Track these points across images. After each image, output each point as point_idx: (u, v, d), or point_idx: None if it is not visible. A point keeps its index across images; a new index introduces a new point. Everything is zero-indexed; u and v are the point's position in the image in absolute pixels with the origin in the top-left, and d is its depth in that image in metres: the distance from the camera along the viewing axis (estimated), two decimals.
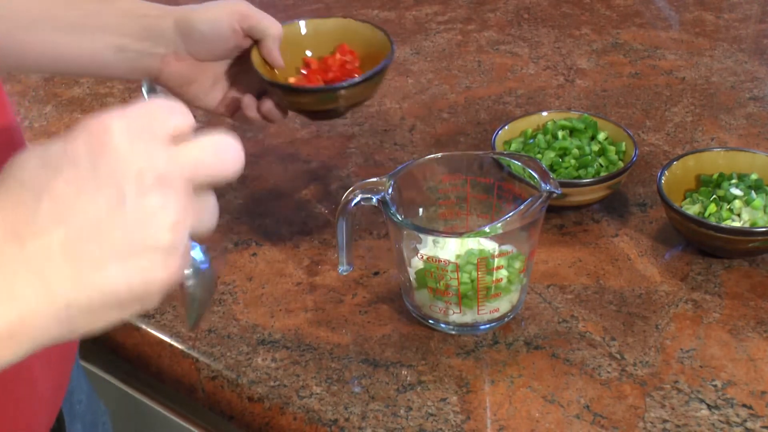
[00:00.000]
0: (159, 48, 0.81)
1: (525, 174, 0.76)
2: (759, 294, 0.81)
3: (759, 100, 1.12)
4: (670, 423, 0.69)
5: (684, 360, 0.75)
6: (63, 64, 0.82)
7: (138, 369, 0.85)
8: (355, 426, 0.70)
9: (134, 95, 1.20)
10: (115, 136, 0.44)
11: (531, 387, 0.73)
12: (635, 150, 0.92)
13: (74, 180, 0.43)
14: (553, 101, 1.14)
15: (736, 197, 0.85)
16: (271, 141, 1.08)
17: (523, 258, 0.76)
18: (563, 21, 1.35)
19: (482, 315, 0.77)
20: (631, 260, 0.86)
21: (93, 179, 0.43)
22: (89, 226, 0.43)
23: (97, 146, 0.44)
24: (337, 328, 0.80)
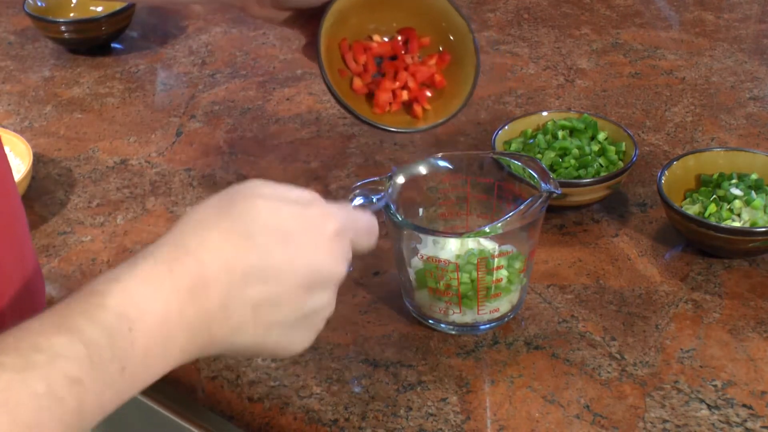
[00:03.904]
0: None
1: (525, 174, 0.76)
2: (759, 294, 0.81)
3: (759, 100, 1.12)
4: (670, 423, 0.69)
5: (684, 360, 0.75)
6: None
7: None
8: (355, 426, 0.70)
9: (134, 95, 1.20)
10: (330, 231, 0.56)
11: (531, 387, 0.73)
12: (635, 150, 0.92)
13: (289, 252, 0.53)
14: (553, 101, 1.14)
15: (736, 197, 0.85)
16: (271, 141, 1.08)
17: (523, 258, 0.76)
18: (563, 21, 1.35)
19: (482, 315, 0.77)
20: (631, 260, 0.86)
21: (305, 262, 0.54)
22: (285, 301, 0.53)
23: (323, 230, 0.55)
24: (337, 328, 0.80)
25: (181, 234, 0.51)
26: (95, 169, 1.05)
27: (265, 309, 0.52)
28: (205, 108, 1.16)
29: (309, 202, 0.56)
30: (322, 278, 0.55)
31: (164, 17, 1.40)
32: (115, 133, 1.12)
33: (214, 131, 1.11)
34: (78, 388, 0.44)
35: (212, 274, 0.50)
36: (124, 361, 0.46)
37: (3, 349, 0.44)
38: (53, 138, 1.11)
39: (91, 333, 0.45)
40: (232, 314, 0.51)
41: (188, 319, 0.49)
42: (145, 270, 0.49)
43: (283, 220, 0.53)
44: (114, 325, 0.46)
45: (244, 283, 0.51)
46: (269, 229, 0.52)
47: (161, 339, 0.48)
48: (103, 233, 0.94)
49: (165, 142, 1.09)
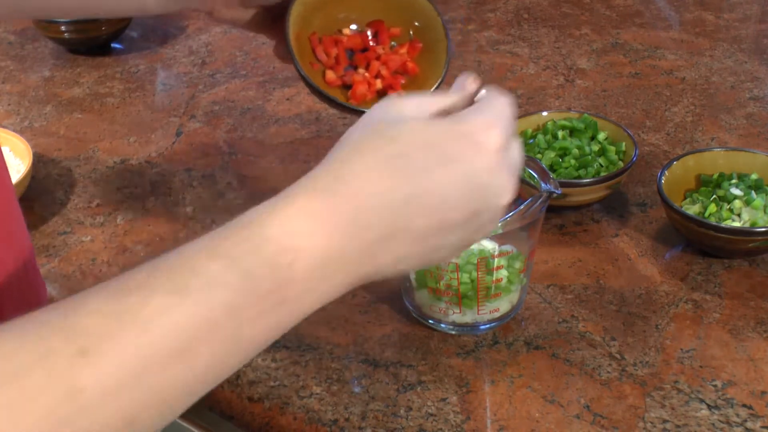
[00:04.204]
0: None
1: (525, 174, 0.76)
2: (759, 294, 0.81)
3: (759, 100, 1.12)
4: (670, 423, 0.69)
5: (684, 360, 0.75)
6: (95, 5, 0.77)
7: None
8: (355, 426, 0.70)
9: (134, 95, 1.20)
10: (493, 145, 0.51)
11: (531, 387, 0.73)
12: (635, 150, 0.92)
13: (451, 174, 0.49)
14: (553, 101, 1.14)
15: (736, 197, 0.85)
16: (271, 141, 1.08)
17: (523, 258, 0.76)
18: (563, 21, 1.35)
19: (482, 315, 0.77)
20: (631, 260, 0.86)
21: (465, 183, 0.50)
22: (453, 224, 0.50)
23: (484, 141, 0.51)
24: (337, 328, 0.80)
25: (337, 162, 0.49)
26: (95, 169, 1.05)
27: (430, 237, 0.49)
28: (205, 108, 1.16)
29: (464, 117, 0.51)
30: (488, 198, 0.51)
31: (164, 17, 1.40)
32: (115, 133, 1.12)
33: (214, 131, 1.11)
34: (234, 316, 0.43)
35: (373, 206, 0.47)
36: (283, 293, 0.45)
37: (156, 272, 0.43)
38: (53, 138, 1.11)
39: (250, 263, 0.44)
40: (397, 245, 0.49)
41: (350, 255, 0.47)
42: (304, 202, 0.47)
43: (441, 140, 0.50)
44: (274, 257, 0.45)
45: (407, 213, 0.48)
46: (428, 152, 0.49)
47: (321, 274, 0.47)
48: (103, 233, 0.94)
49: (165, 142, 1.09)
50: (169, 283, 0.43)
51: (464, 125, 0.51)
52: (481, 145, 0.50)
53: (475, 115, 0.52)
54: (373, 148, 0.49)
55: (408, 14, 0.83)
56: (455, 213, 0.50)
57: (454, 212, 0.50)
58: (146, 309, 0.41)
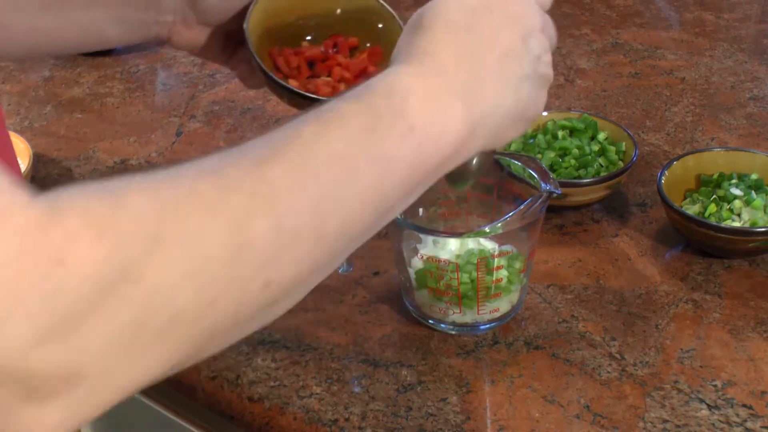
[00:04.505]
0: (166, 16, 0.78)
1: (525, 174, 0.76)
2: (759, 294, 0.81)
3: (759, 100, 1.12)
4: (670, 423, 0.69)
5: (684, 360, 0.75)
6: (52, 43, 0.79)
7: None
8: (355, 426, 0.70)
9: (134, 95, 1.20)
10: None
11: (531, 387, 0.73)
12: (635, 150, 0.92)
13: (493, 19, 0.59)
14: (553, 101, 1.14)
15: (736, 197, 0.85)
16: None
17: (523, 258, 0.76)
18: (563, 21, 1.35)
19: (482, 315, 0.77)
20: (631, 260, 0.86)
21: (507, 21, 0.60)
22: (510, 52, 0.59)
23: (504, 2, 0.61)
24: (337, 328, 0.80)
25: (411, 45, 0.58)
26: (95, 169, 1.05)
27: (504, 62, 0.58)
28: (205, 108, 1.16)
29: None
30: (526, 24, 0.61)
31: None
32: (115, 133, 1.12)
33: (214, 131, 1.11)
34: (375, 136, 0.50)
35: (448, 61, 0.56)
36: (409, 120, 0.52)
37: (296, 121, 0.50)
38: (53, 138, 1.11)
39: (369, 99, 0.52)
40: (484, 78, 0.57)
41: (451, 90, 0.55)
42: (396, 70, 0.55)
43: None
44: (386, 93, 0.53)
45: (473, 57, 0.57)
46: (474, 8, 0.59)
47: (435, 102, 0.54)
48: None
49: (165, 142, 1.09)
50: (311, 119, 0.50)
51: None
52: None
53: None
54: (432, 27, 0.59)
55: (367, 22, 0.84)
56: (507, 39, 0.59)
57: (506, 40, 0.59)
58: (301, 133, 0.49)
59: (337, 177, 0.48)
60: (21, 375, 0.37)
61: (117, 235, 0.39)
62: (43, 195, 0.39)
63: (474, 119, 0.56)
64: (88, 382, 0.39)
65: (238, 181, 0.45)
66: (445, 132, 0.54)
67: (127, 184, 0.42)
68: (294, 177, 0.46)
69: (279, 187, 0.46)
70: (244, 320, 0.46)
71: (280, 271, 0.45)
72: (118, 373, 0.41)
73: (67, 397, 0.39)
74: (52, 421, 0.39)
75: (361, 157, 0.50)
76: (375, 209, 0.51)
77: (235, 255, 0.43)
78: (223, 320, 0.44)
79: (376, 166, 0.50)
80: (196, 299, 0.41)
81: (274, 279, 0.45)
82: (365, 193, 0.50)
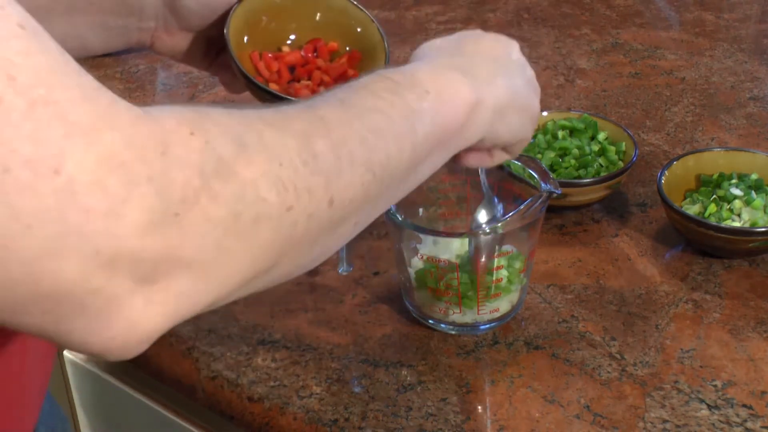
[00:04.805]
0: (147, 22, 0.78)
1: (525, 174, 0.76)
2: (759, 294, 0.81)
3: (759, 100, 1.12)
4: (670, 423, 0.69)
5: (684, 360, 0.75)
6: None
7: (138, 369, 0.85)
8: (355, 426, 0.70)
9: (134, 95, 1.20)
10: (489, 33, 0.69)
11: (531, 387, 0.73)
12: (635, 150, 0.92)
13: (477, 39, 0.68)
14: (553, 101, 1.14)
15: (736, 197, 0.85)
16: None
17: (523, 258, 0.76)
18: (563, 21, 1.35)
19: (482, 315, 0.77)
20: (631, 260, 0.86)
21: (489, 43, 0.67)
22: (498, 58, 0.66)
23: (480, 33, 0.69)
24: (337, 328, 0.80)
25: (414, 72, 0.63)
26: None
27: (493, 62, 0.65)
28: None
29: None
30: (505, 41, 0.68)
31: None
32: None
33: None
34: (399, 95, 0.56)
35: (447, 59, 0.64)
36: (422, 87, 0.58)
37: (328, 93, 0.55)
38: None
39: (385, 74, 0.58)
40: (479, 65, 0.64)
41: (452, 67, 0.62)
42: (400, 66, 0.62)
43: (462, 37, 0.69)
44: (398, 72, 0.59)
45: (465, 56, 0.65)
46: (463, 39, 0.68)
47: (441, 75, 0.60)
48: None
49: None
50: (340, 88, 0.56)
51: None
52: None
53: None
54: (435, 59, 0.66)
55: (345, 25, 0.84)
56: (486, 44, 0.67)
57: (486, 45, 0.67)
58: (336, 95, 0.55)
59: (376, 121, 0.54)
60: (135, 259, 0.40)
61: (207, 135, 0.44)
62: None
63: (478, 90, 0.62)
64: (191, 272, 0.43)
65: (296, 114, 0.51)
66: (456, 97, 0.60)
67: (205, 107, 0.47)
68: (341, 117, 0.52)
69: (331, 121, 0.51)
70: (313, 235, 0.50)
71: (341, 189, 0.50)
72: (215, 265, 0.44)
73: (170, 285, 0.42)
74: (156, 311, 0.42)
75: (392, 108, 0.56)
76: (410, 154, 0.56)
77: (305, 165, 0.48)
78: (298, 228, 0.48)
79: (406, 116, 0.56)
80: (277, 201, 0.46)
81: (338, 197, 0.50)
82: (401, 137, 0.56)
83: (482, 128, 0.63)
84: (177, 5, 0.78)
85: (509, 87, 0.65)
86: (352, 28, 0.84)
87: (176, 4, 0.78)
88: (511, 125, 0.66)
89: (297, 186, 0.47)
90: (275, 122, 0.49)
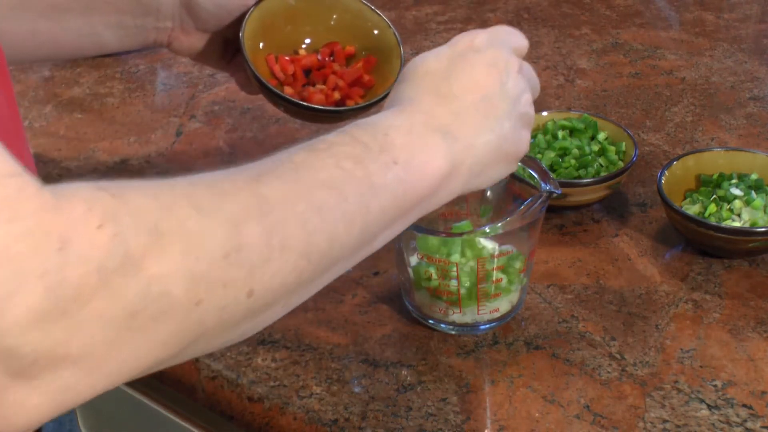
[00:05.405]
0: (164, 23, 0.79)
1: (525, 174, 0.76)
2: (759, 294, 0.81)
3: (759, 100, 1.12)
4: (670, 423, 0.69)
5: (684, 360, 0.75)
6: (51, 49, 0.79)
7: None
8: (355, 426, 0.70)
9: (134, 95, 1.20)
10: (487, 41, 0.64)
11: (531, 387, 0.73)
12: (635, 150, 0.92)
13: (469, 65, 0.62)
14: (553, 101, 1.14)
15: (736, 197, 0.85)
16: (272, 141, 1.08)
17: (523, 258, 0.76)
18: (563, 21, 1.35)
19: (482, 315, 0.77)
20: (631, 260, 0.86)
21: (483, 66, 0.62)
22: (488, 94, 0.61)
23: (477, 46, 0.63)
24: (337, 328, 0.80)
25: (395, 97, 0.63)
26: (95, 169, 1.05)
27: (482, 103, 0.61)
28: (205, 108, 1.16)
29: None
30: (501, 66, 0.63)
31: None
32: (115, 133, 1.12)
33: (214, 131, 1.11)
34: (361, 166, 0.54)
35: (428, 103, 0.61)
36: (393, 154, 0.56)
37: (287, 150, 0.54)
38: (53, 138, 1.11)
39: (355, 133, 0.56)
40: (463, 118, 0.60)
41: (431, 126, 0.59)
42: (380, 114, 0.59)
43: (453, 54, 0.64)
44: (371, 131, 0.57)
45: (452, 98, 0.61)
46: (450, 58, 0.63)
47: (416, 138, 0.57)
48: None
49: (165, 142, 1.09)
50: (301, 147, 0.54)
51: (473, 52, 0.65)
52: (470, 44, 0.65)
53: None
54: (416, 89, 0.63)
55: (362, 30, 0.84)
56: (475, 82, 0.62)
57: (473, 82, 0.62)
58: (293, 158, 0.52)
59: (325, 199, 0.51)
60: (14, 353, 0.38)
61: (119, 225, 0.41)
62: (49, 185, 0.41)
63: (455, 156, 0.59)
64: (76, 367, 0.40)
65: (233, 191, 0.48)
66: (427, 167, 0.57)
67: (127, 184, 0.44)
68: (285, 194, 0.49)
69: (271, 201, 0.48)
70: (227, 325, 0.47)
71: (265, 280, 0.47)
72: (105, 361, 0.41)
73: (52, 380, 0.40)
74: (34, 402, 0.40)
75: (348, 183, 0.53)
76: (359, 234, 0.54)
77: (225, 258, 0.45)
78: (208, 321, 0.45)
79: (362, 193, 0.53)
80: (186, 296, 0.43)
81: (259, 288, 0.47)
82: (351, 216, 0.53)
83: (455, 191, 0.61)
84: (193, 7, 0.78)
85: (495, 140, 0.62)
86: (368, 31, 0.84)
87: (193, 5, 0.78)
88: (489, 177, 0.63)
89: (210, 280, 0.44)
90: (205, 204, 0.45)
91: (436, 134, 0.58)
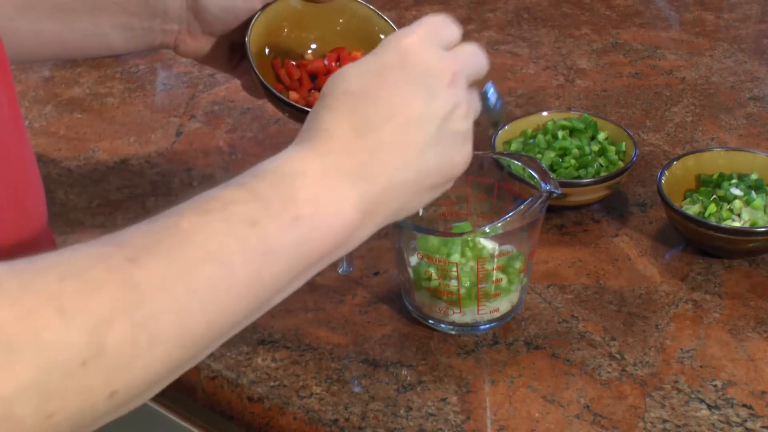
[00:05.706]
0: (171, 25, 0.79)
1: (525, 174, 0.76)
2: (759, 294, 0.81)
3: (759, 100, 1.12)
4: (670, 423, 0.69)
5: (684, 360, 0.75)
6: (57, 49, 0.79)
7: None
8: (355, 426, 0.70)
9: (134, 95, 1.20)
10: (417, 46, 0.58)
11: (531, 387, 0.73)
12: (635, 150, 0.92)
13: (391, 84, 0.56)
14: (553, 101, 1.14)
15: (736, 197, 0.85)
16: (272, 141, 1.08)
17: (523, 258, 0.76)
18: (563, 21, 1.35)
19: (482, 315, 0.77)
20: (631, 260, 0.86)
21: (407, 83, 0.56)
22: (411, 119, 0.55)
23: (404, 55, 0.57)
24: (337, 328, 0.80)
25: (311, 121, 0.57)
26: (95, 169, 1.05)
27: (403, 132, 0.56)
28: (205, 108, 1.16)
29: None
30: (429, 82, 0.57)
31: None
32: (115, 133, 1.12)
33: (214, 131, 1.11)
34: (257, 229, 0.49)
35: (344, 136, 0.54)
36: (295, 209, 0.51)
37: (180, 207, 0.49)
38: (53, 138, 1.11)
39: (257, 185, 0.51)
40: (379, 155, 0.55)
41: (342, 171, 0.54)
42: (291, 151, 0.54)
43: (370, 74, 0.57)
44: (275, 180, 0.52)
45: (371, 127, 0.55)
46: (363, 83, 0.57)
47: (325, 187, 0.53)
48: (103, 233, 0.94)
49: (165, 142, 1.09)
50: (194, 207, 0.49)
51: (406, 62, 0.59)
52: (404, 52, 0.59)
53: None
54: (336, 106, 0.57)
55: (368, 32, 0.84)
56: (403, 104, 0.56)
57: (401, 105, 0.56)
58: (180, 225, 0.47)
59: (211, 274, 0.47)
60: None
61: None
62: None
63: (367, 204, 0.54)
64: None
65: (102, 282, 0.43)
66: (334, 220, 0.53)
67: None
68: (162, 277, 0.45)
69: (145, 289, 0.44)
70: (87, 427, 0.44)
71: (130, 378, 0.44)
72: None
73: None
74: None
75: (239, 252, 0.48)
76: (248, 303, 0.50)
77: (83, 365, 0.41)
78: (62, 428, 0.42)
79: (255, 261, 0.49)
80: (36, 412, 0.40)
81: (123, 387, 0.44)
82: (239, 287, 0.49)
83: (368, 235, 0.56)
84: (200, 10, 0.78)
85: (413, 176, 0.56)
86: (375, 36, 0.84)
87: (200, 9, 0.78)
88: (414, 208, 0.59)
89: (65, 391, 0.41)
90: (70, 305, 0.42)
91: (346, 181, 0.53)
